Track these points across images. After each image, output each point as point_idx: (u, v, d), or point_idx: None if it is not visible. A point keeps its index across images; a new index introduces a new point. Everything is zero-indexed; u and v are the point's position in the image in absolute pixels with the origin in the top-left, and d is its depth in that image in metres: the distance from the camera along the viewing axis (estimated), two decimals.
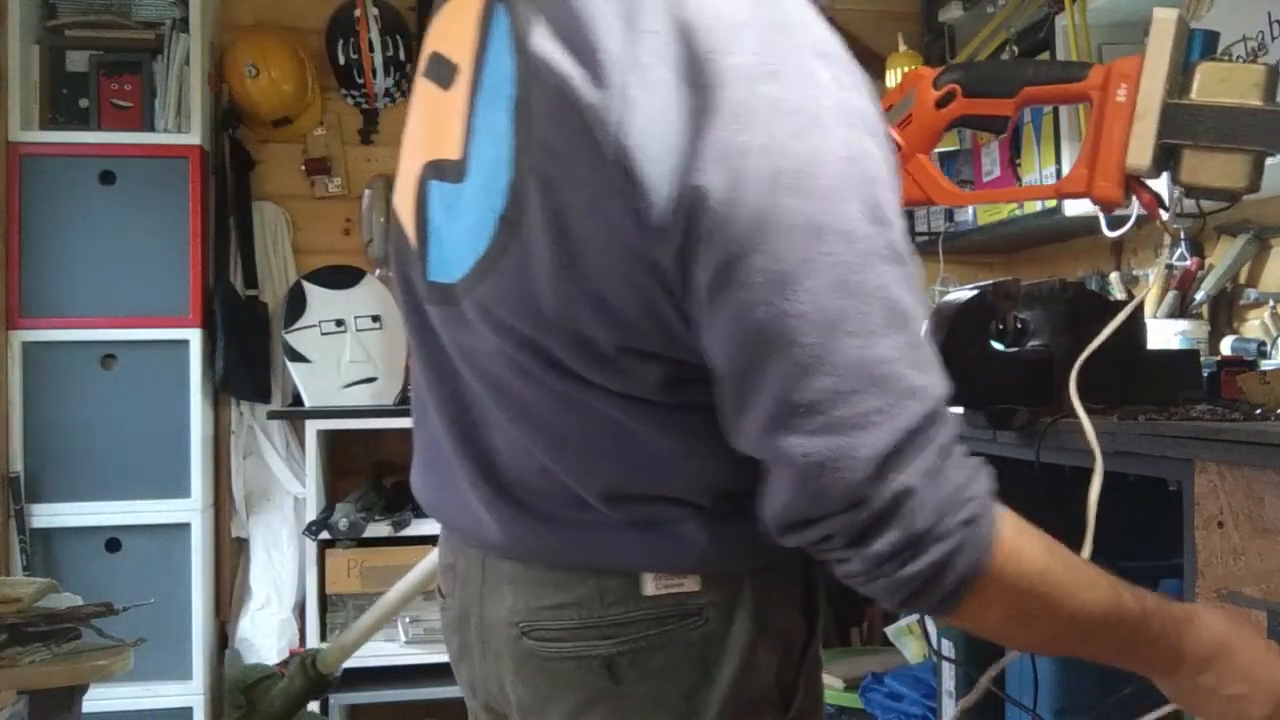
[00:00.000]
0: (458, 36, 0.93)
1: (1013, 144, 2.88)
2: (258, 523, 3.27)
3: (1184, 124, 1.11)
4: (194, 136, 3.10)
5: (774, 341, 0.75)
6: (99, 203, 3.05)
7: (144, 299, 3.07)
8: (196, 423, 3.09)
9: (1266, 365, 2.03)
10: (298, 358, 3.20)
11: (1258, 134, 1.10)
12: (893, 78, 2.89)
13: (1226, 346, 2.26)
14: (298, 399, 3.24)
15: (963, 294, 1.64)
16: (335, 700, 3.00)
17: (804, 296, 0.74)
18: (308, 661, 1.81)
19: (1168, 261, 2.57)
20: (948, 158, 3.22)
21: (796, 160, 0.75)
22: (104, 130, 3.10)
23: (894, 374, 0.76)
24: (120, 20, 3.14)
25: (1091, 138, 1.16)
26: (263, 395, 3.26)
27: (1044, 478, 1.54)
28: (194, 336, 3.09)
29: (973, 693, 1.13)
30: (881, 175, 0.78)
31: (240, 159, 3.29)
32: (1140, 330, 1.65)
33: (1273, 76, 1.09)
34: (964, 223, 3.19)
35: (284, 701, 1.83)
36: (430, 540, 2.80)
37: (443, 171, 0.93)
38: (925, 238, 3.40)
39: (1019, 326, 1.63)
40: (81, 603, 2.38)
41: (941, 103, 1.22)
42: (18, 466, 2.99)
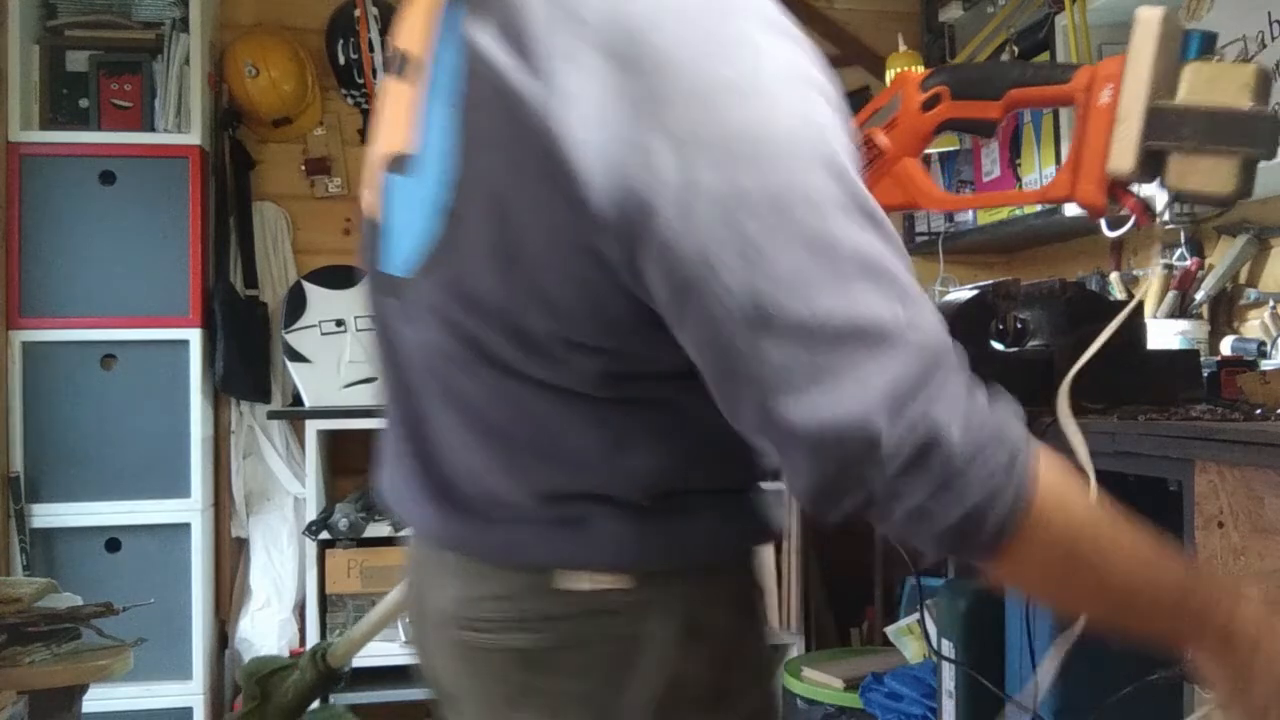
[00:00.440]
0: (416, 30, 0.93)
1: (1012, 144, 2.88)
2: (258, 523, 3.27)
3: (1169, 127, 1.07)
4: (194, 136, 3.10)
5: (751, 322, 0.74)
6: (99, 203, 3.06)
7: (144, 299, 3.07)
8: (196, 423, 3.09)
9: (1266, 365, 2.03)
10: (298, 358, 3.20)
11: (1245, 136, 1.05)
12: (893, 78, 2.89)
13: (1226, 346, 2.26)
14: (298, 399, 3.24)
15: (963, 294, 1.64)
16: (335, 700, 3.00)
17: (776, 270, 0.73)
18: (318, 655, 1.81)
19: (1167, 262, 2.57)
20: (947, 158, 3.22)
21: (745, 135, 0.74)
22: (104, 130, 3.10)
23: (877, 322, 0.74)
24: (120, 20, 3.14)
25: (1076, 141, 1.13)
26: (263, 395, 3.26)
27: None
28: (194, 336, 3.09)
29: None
30: (838, 135, 0.77)
31: (240, 159, 3.29)
32: (1140, 330, 1.65)
33: (1263, 77, 1.06)
34: (964, 223, 3.19)
35: (295, 694, 1.83)
36: None
37: (398, 164, 0.93)
38: (925, 237, 3.40)
39: (1019, 326, 1.63)
40: (81, 603, 2.38)
41: (928, 105, 1.19)
42: (18, 466, 2.99)
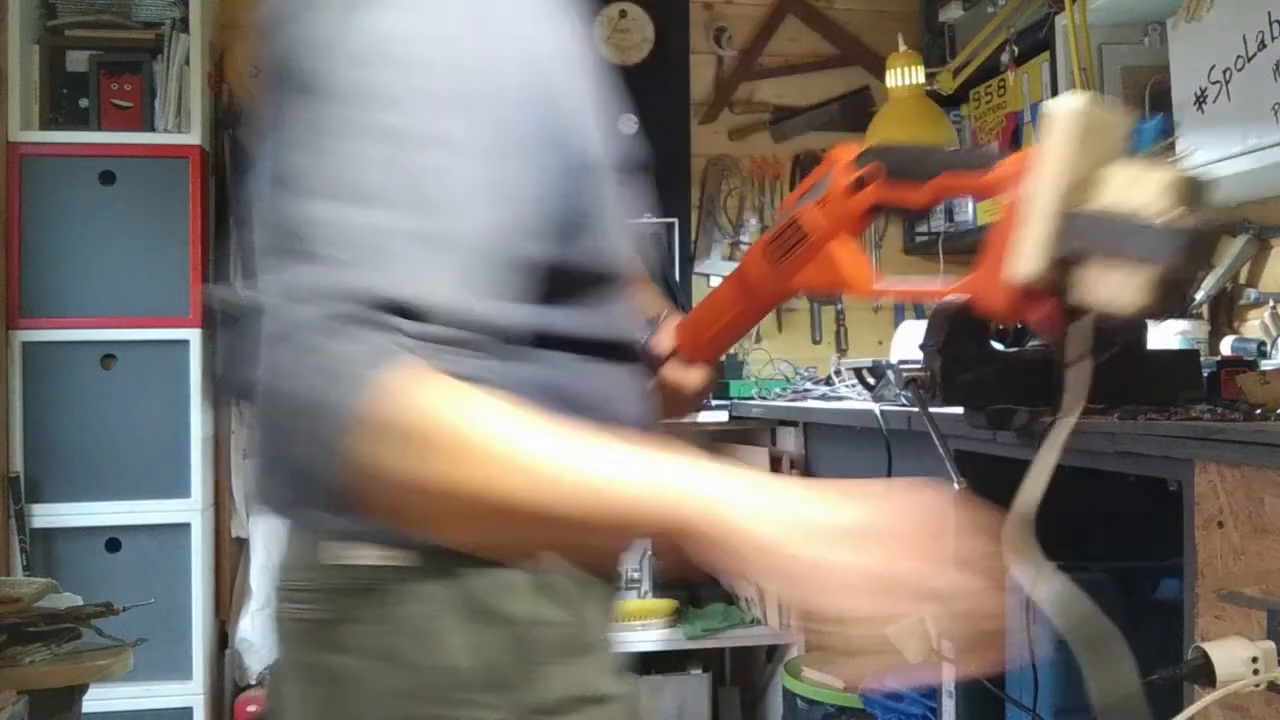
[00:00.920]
0: None
1: (1013, 144, 2.88)
2: (258, 523, 3.27)
3: (1077, 233, 0.93)
4: (194, 136, 3.10)
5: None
6: (99, 203, 3.05)
7: (144, 299, 3.07)
8: (196, 423, 3.09)
9: (1266, 365, 2.03)
10: None
11: (1158, 249, 0.91)
12: (893, 78, 2.89)
13: (1226, 346, 2.26)
14: None
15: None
16: None
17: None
18: None
19: None
20: None
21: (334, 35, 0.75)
22: (104, 130, 3.10)
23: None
24: (120, 20, 3.14)
25: (987, 237, 1.01)
26: None
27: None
28: (194, 336, 3.09)
29: None
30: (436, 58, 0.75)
31: (240, 159, 3.29)
32: (1140, 330, 1.65)
33: (1192, 184, 0.94)
34: (964, 223, 3.19)
35: None
36: None
37: None
38: (925, 238, 3.41)
39: (1019, 326, 1.63)
40: (81, 603, 2.38)
41: (859, 184, 1.08)
42: (18, 466, 2.99)
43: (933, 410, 1.61)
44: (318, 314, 0.69)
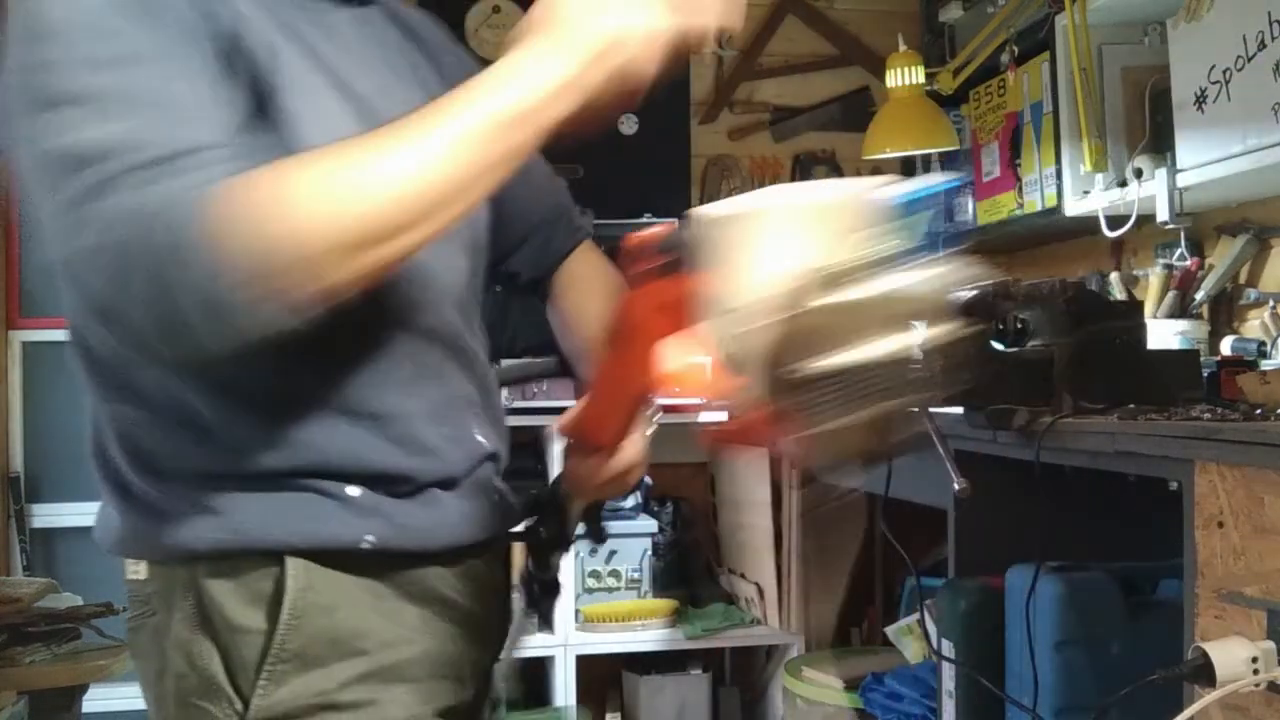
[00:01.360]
0: None
1: (1012, 144, 2.88)
2: None
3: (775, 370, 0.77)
4: None
5: None
6: None
7: None
8: None
9: (1266, 365, 2.02)
10: None
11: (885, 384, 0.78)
12: (893, 78, 2.89)
13: (1226, 346, 2.26)
14: None
15: (963, 294, 1.64)
16: None
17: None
18: None
19: (1167, 262, 2.57)
20: (947, 158, 3.22)
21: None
22: None
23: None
24: None
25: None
26: None
27: (1044, 478, 1.54)
28: None
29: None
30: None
31: None
32: (1140, 330, 1.65)
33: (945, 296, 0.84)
34: (964, 223, 3.19)
35: None
36: None
37: None
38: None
39: (1019, 326, 1.63)
40: (81, 603, 2.38)
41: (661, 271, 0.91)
42: (18, 466, 2.99)
43: (933, 410, 1.61)
44: (110, 177, 0.75)
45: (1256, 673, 1.12)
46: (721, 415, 0.87)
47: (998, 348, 1.63)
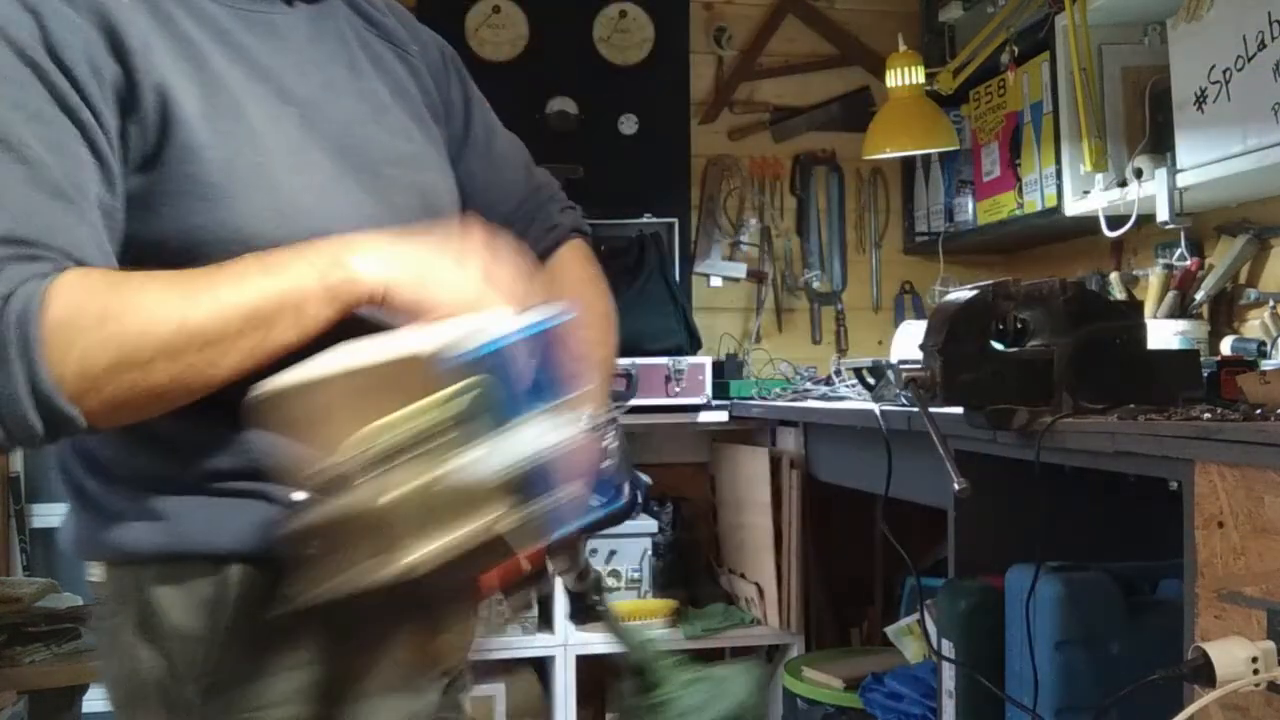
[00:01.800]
0: None
1: (1012, 144, 2.88)
2: None
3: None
4: None
5: None
6: None
7: None
8: None
9: (1266, 365, 2.02)
10: None
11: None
12: (893, 78, 2.89)
13: (1226, 346, 2.26)
14: None
15: (963, 294, 1.64)
16: None
17: None
18: None
19: (1167, 262, 2.57)
20: (948, 157, 3.22)
21: None
22: None
23: None
24: None
25: None
26: None
27: (1044, 478, 1.54)
28: None
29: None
30: None
31: None
32: (1140, 330, 1.65)
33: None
34: (964, 223, 3.19)
35: None
36: None
37: None
38: (925, 238, 3.41)
39: (1019, 326, 1.63)
40: (81, 603, 2.38)
41: None
42: (18, 466, 2.99)
43: (933, 410, 1.61)
44: None
45: (1256, 673, 1.12)
46: None
47: (998, 348, 1.63)
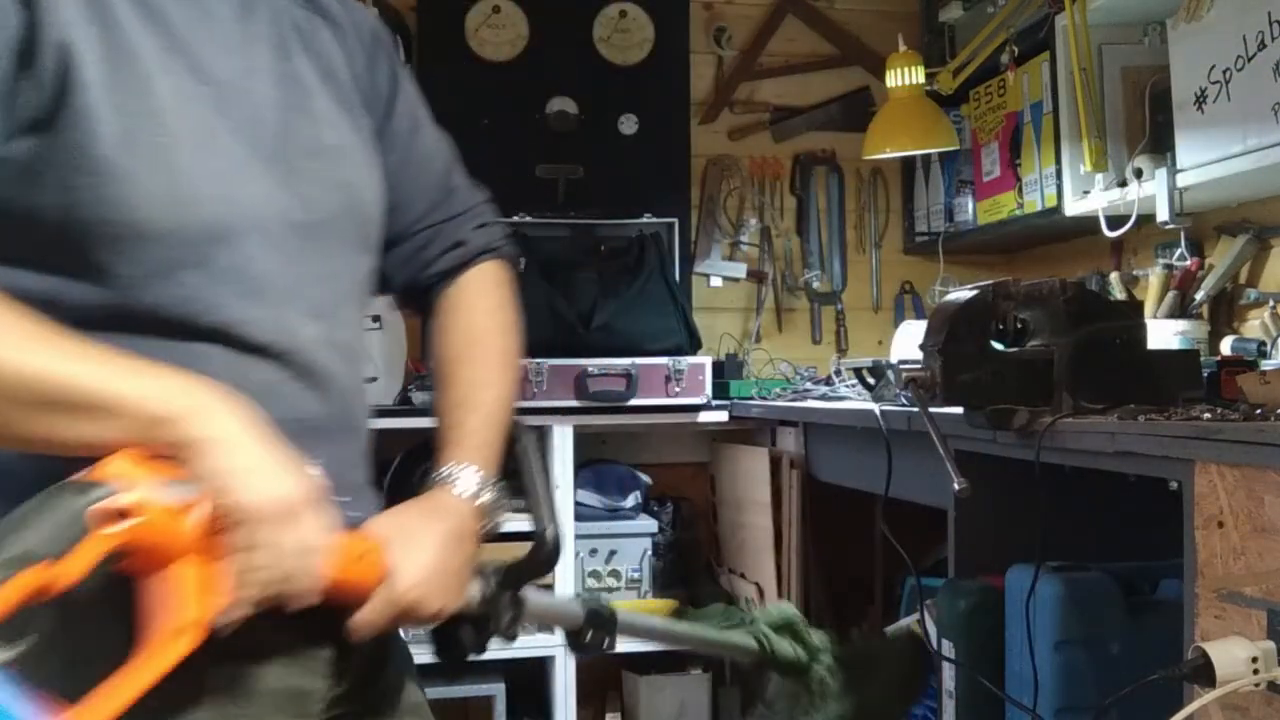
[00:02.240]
0: None
1: (1012, 144, 2.88)
2: None
3: None
4: None
5: None
6: None
7: None
8: None
9: (1266, 365, 2.03)
10: None
11: None
12: (893, 78, 2.89)
13: (1226, 346, 2.26)
14: None
15: (963, 294, 1.64)
16: None
17: None
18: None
19: (1167, 262, 2.57)
20: (948, 157, 3.22)
21: None
22: None
23: None
24: None
25: None
26: None
27: (1044, 478, 1.54)
28: None
29: None
30: None
31: None
32: (1140, 330, 1.65)
33: None
34: (964, 223, 3.19)
35: None
36: None
37: None
38: (925, 238, 3.41)
39: (1019, 326, 1.63)
40: None
41: None
42: None
43: (933, 410, 1.61)
44: None
45: (1256, 673, 1.12)
46: None
47: (998, 348, 1.63)
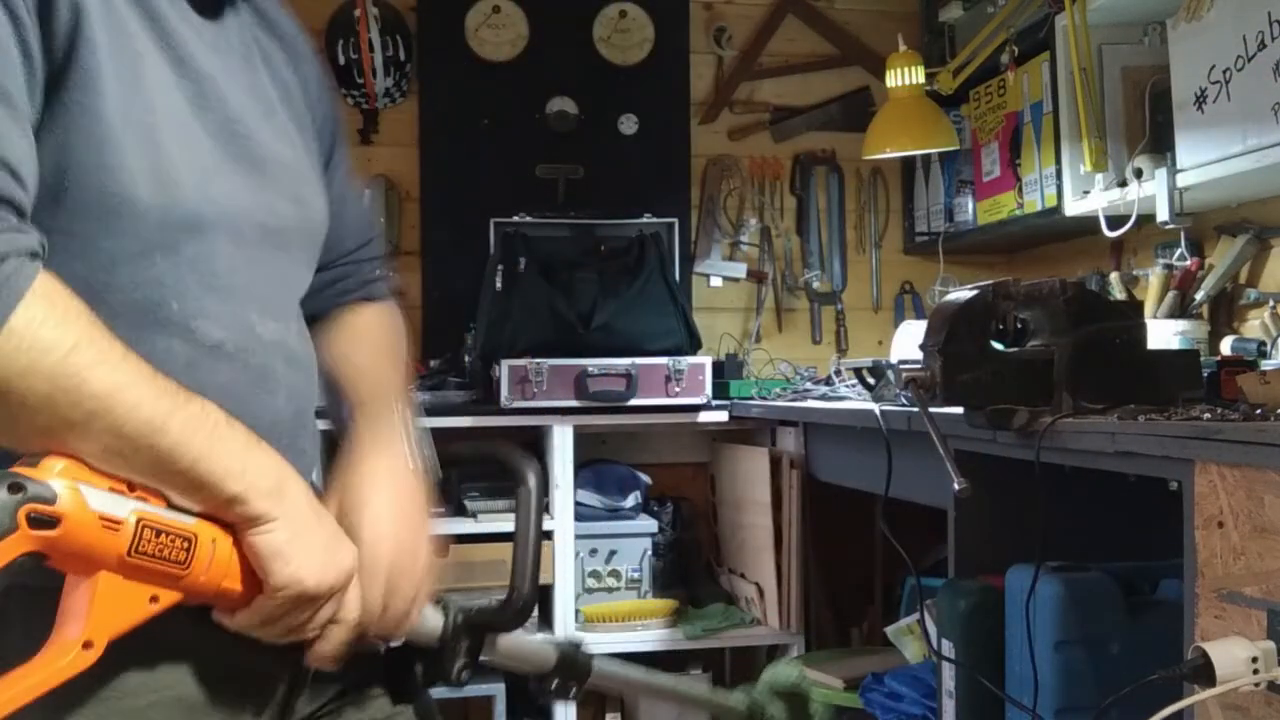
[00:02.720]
0: None
1: (1012, 144, 2.88)
2: None
3: None
4: None
5: None
6: None
7: None
8: None
9: (1266, 365, 2.03)
10: None
11: None
12: (893, 78, 2.89)
13: (1226, 346, 2.26)
14: None
15: (963, 294, 1.64)
16: None
17: None
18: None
19: (1167, 262, 2.57)
20: (948, 157, 3.22)
21: None
22: None
23: None
24: None
25: None
26: None
27: (1044, 478, 1.54)
28: None
29: None
30: None
31: None
32: (1140, 330, 1.65)
33: None
34: (964, 223, 3.19)
35: None
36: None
37: None
38: (925, 238, 3.41)
39: (1019, 326, 1.63)
40: None
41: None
42: None
43: (933, 410, 1.61)
44: None
45: (1256, 673, 1.12)
46: None
47: (998, 348, 1.63)
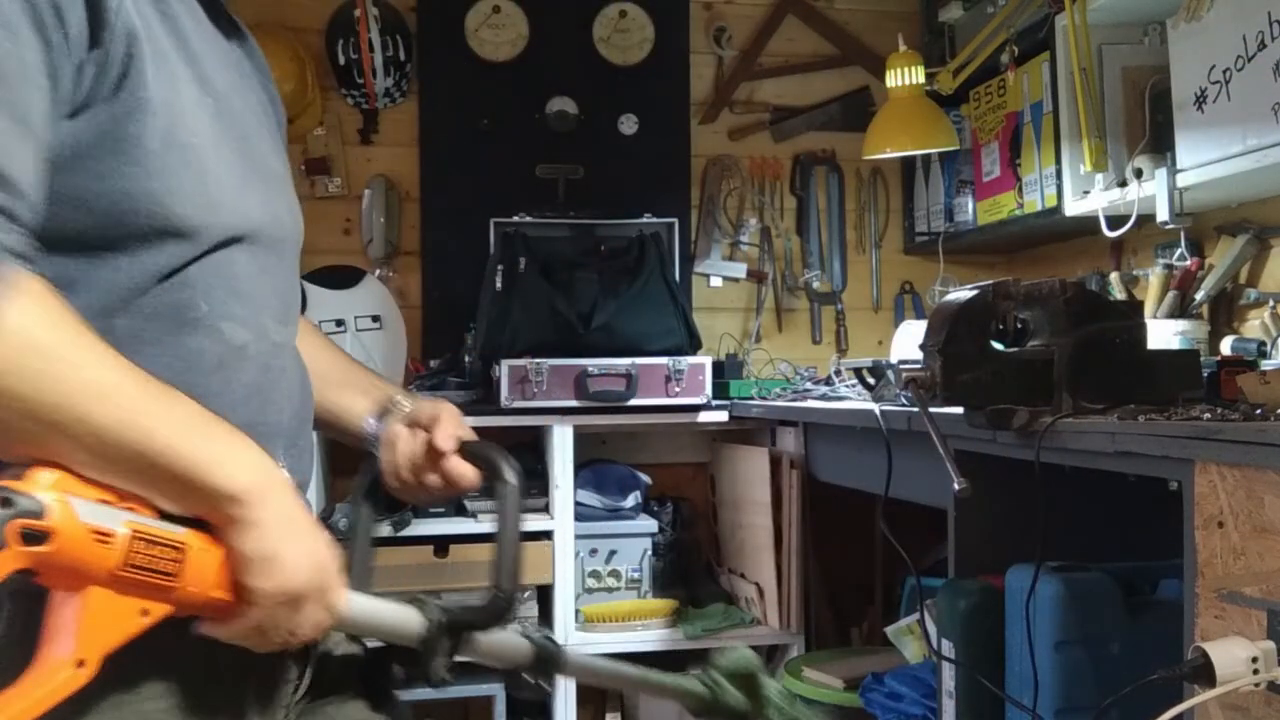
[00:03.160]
0: None
1: (1013, 144, 2.88)
2: None
3: None
4: None
5: None
6: None
7: None
8: None
9: (1266, 365, 2.03)
10: None
11: None
12: (893, 78, 2.89)
13: (1226, 346, 2.26)
14: None
15: (963, 294, 1.64)
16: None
17: None
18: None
19: (1167, 262, 2.57)
20: (948, 157, 3.23)
21: None
22: None
23: None
24: None
25: None
26: None
27: (1044, 478, 1.54)
28: None
29: None
30: None
31: None
32: (1140, 330, 1.65)
33: None
34: (964, 223, 3.19)
35: None
36: (431, 540, 2.80)
37: None
38: (925, 238, 3.41)
39: (1019, 326, 1.63)
40: None
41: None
42: None
43: (933, 410, 1.61)
44: None
45: (1256, 673, 1.12)
46: None
47: (998, 348, 1.63)
